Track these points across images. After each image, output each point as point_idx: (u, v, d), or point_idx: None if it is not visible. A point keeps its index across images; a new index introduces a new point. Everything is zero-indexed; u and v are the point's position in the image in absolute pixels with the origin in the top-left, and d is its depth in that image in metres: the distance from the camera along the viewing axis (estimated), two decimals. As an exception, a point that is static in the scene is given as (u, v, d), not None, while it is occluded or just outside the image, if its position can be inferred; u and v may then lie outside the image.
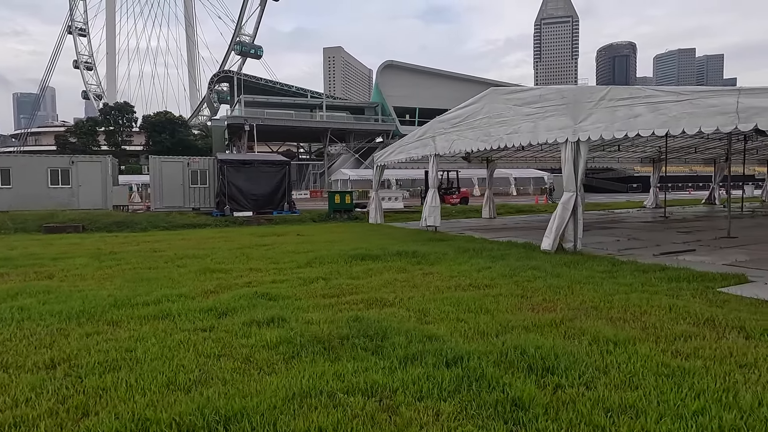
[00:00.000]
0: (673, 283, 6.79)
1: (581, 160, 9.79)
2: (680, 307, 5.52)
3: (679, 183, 65.84)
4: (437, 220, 14.36)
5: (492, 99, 12.06)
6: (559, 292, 6.40)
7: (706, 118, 7.52)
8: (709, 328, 4.81)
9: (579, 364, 3.80)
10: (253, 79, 70.36)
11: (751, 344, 4.31)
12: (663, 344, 4.33)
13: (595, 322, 5.02)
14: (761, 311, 5.34)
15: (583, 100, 9.51)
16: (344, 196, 19.37)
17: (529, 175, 63.50)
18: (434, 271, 8.13)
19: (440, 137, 14.01)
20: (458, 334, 4.68)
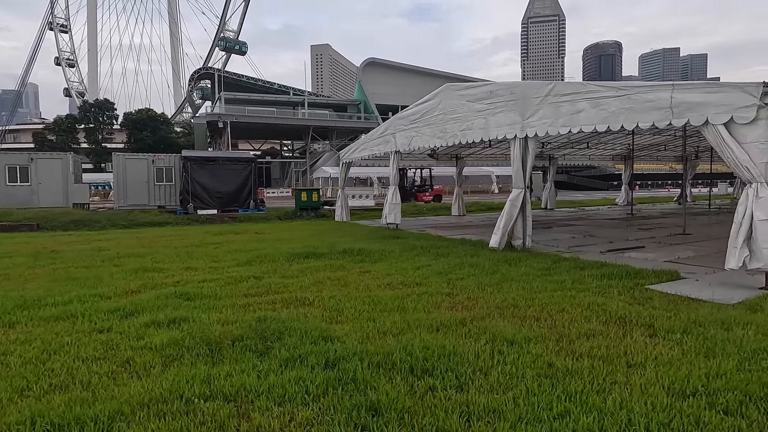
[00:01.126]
0: (605, 281, 6.71)
1: (529, 157, 9.70)
2: (599, 305, 5.43)
3: (659, 180, 66.49)
4: (398, 218, 14.21)
5: (447, 95, 11.93)
6: (486, 290, 6.28)
7: (642, 114, 7.45)
8: (618, 326, 4.72)
9: (462, 366, 3.67)
10: (234, 76, 69.66)
11: (652, 343, 4.22)
12: (562, 343, 4.22)
13: (504, 321, 4.90)
14: (677, 309, 5.26)
15: (531, 95, 9.42)
16: (311, 194, 19.15)
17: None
18: (373, 269, 7.98)
19: (400, 134, 13.86)
20: (359, 334, 4.53)
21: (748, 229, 6.19)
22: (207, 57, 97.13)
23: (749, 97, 6.17)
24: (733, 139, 6.34)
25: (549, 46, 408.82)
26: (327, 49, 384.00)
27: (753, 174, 6.21)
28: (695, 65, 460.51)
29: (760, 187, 6.18)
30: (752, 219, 6.16)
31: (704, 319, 4.81)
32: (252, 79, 69.90)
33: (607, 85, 8.13)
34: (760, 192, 6.17)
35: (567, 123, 8.69)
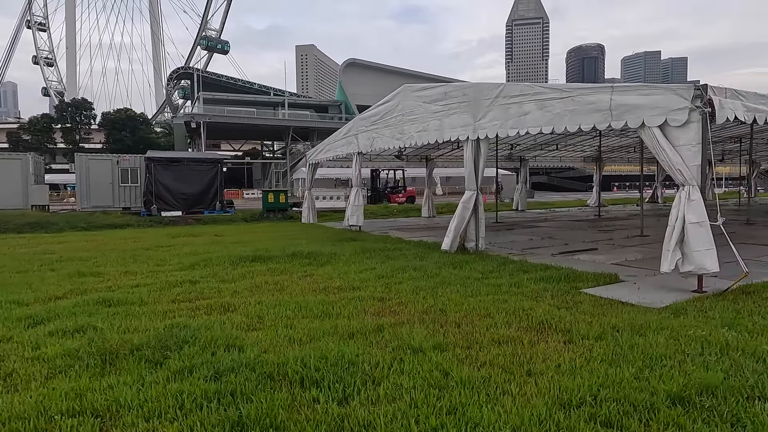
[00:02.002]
0: (542, 284, 6.64)
1: (481, 159, 9.63)
2: (526, 309, 5.36)
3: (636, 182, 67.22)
4: (360, 220, 14.07)
5: (405, 96, 11.83)
6: (419, 295, 6.18)
7: (585, 116, 7.41)
8: (536, 332, 4.63)
9: (355, 376, 3.54)
10: (213, 75, 68.98)
11: (563, 350, 4.13)
12: (471, 351, 4.12)
13: (423, 327, 4.78)
14: (602, 313, 5.20)
15: (482, 97, 9.35)
16: (278, 195, 18.91)
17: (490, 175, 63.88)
18: (316, 273, 7.83)
19: (362, 135, 13.72)
20: (267, 342, 4.38)
21: (680, 232, 6.18)
22: (189, 56, 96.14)
23: (681, 99, 6.15)
24: (668, 142, 6.32)
25: (533, 48, 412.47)
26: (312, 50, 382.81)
27: (685, 177, 6.19)
28: (676, 68, 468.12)
29: (692, 190, 6.17)
30: (684, 222, 6.14)
31: (623, 324, 4.75)
32: (232, 79, 69.30)
33: (552, 86, 8.08)
34: (692, 195, 6.16)
35: (515, 125, 8.63)
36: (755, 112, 6.48)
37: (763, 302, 5.57)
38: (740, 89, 6.53)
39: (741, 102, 6.37)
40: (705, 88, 6.01)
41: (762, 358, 3.82)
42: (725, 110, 6.08)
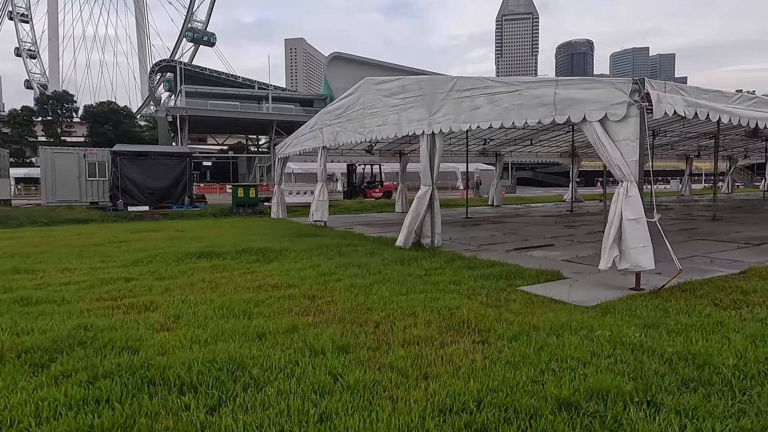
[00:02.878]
0: (481, 282, 6.52)
1: (437, 153, 9.48)
2: (453, 308, 5.22)
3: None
4: (325, 215, 13.88)
5: (366, 89, 11.64)
6: (352, 293, 6.02)
7: (531, 110, 7.27)
8: (453, 332, 4.49)
9: (239, 381, 3.38)
10: (196, 68, 68.13)
11: (472, 351, 4.00)
12: (378, 352, 3.97)
13: (341, 327, 4.62)
14: (529, 312, 5.08)
15: (436, 91, 9.19)
16: (248, 190, 18.64)
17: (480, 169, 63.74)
18: (260, 270, 7.64)
19: (326, 129, 13.52)
20: (170, 344, 4.20)
21: (618, 229, 6.07)
22: (174, 48, 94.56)
23: (621, 93, 6.03)
24: (608, 137, 6.20)
25: (523, 43, 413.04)
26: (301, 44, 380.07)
27: (624, 172, 6.08)
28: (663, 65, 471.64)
29: (630, 186, 6.06)
30: (621, 219, 6.03)
31: (544, 323, 4.63)
32: (215, 72, 68.51)
33: (501, 80, 7.94)
34: (630, 191, 6.05)
35: (467, 119, 8.49)
36: (696, 107, 6.37)
37: (697, 300, 5.48)
38: (681, 84, 6.43)
39: (681, 96, 6.26)
40: (642, 82, 5.90)
41: (668, 360, 3.71)
42: (663, 104, 5.97)
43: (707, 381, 3.37)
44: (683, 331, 4.38)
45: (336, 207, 21.99)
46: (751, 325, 4.53)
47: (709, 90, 6.78)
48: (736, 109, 6.95)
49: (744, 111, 7.07)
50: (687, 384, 3.32)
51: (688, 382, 3.35)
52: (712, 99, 6.70)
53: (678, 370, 3.54)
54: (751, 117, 7.13)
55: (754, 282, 6.30)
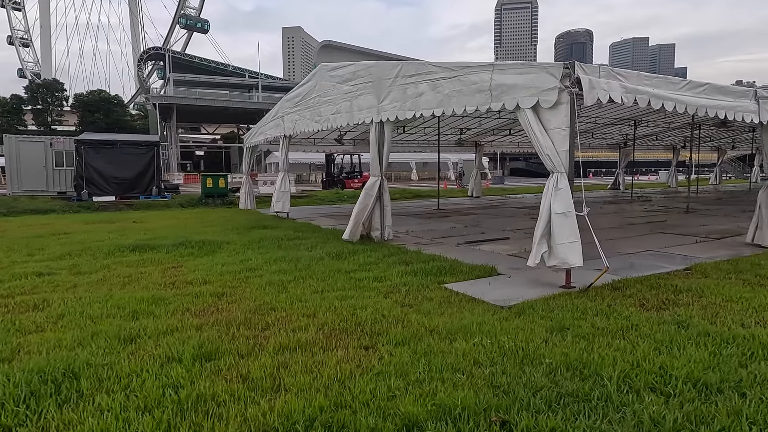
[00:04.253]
0: (408, 278, 6.18)
1: (385, 142, 9.08)
2: (360, 308, 4.89)
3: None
4: (286, 206, 13.50)
5: (321, 76, 11.21)
6: (266, 290, 5.67)
7: (469, 97, 6.88)
8: (343, 336, 4.16)
9: (57, 394, 3.04)
10: (186, 56, 67.25)
11: (350, 358, 3.66)
12: (244, 360, 3.63)
13: (219, 331, 4.27)
14: (439, 313, 4.74)
15: (384, 77, 8.78)
16: (217, 180, 18.22)
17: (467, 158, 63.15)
18: (187, 264, 7.28)
19: (288, 117, 13.10)
20: (29, 348, 3.87)
21: (547, 223, 5.71)
22: (167, 35, 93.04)
23: (552, 79, 5.65)
24: (540, 125, 5.83)
25: (522, 33, 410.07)
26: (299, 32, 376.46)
27: (554, 163, 5.72)
28: (663, 55, 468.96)
29: (560, 178, 5.71)
30: (550, 212, 5.67)
31: (445, 326, 4.29)
32: (205, 61, 67.63)
33: (443, 65, 7.53)
34: (560, 183, 5.69)
35: (412, 107, 8.09)
36: (636, 94, 5.98)
37: (624, 300, 5.15)
38: (621, 69, 6.04)
39: (619, 82, 5.87)
40: (573, 66, 5.51)
41: (554, 370, 3.38)
42: (597, 91, 5.58)
43: (586, 396, 3.03)
44: (590, 336, 4.05)
45: (311, 198, 21.65)
46: (666, 329, 4.19)
47: (652, 76, 6.38)
48: (683, 96, 6.56)
49: (692, 98, 6.68)
50: (560, 400, 2.99)
51: (564, 397, 3.02)
52: (656, 86, 6.31)
53: (558, 383, 3.20)
54: (700, 105, 6.74)
55: (693, 279, 5.97)
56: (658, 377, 3.27)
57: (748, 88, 7.61)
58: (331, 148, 22.30)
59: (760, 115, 7.60)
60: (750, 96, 7.56)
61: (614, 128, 22.00)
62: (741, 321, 4.41)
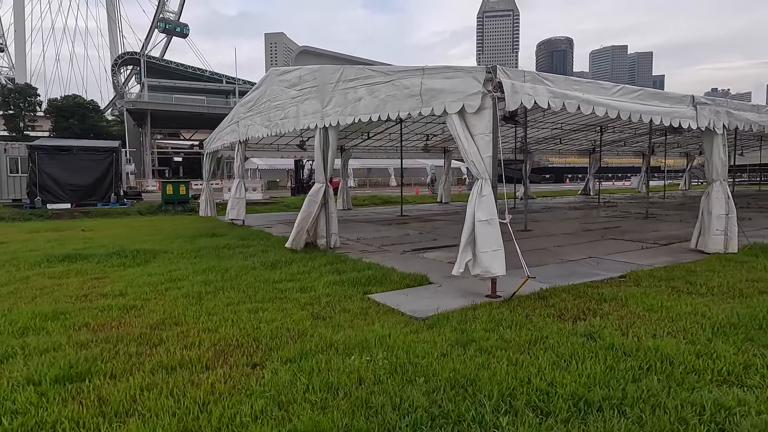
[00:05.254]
0: (334, 288, 5.97)
1: (330, 149, 8.89)
2: (266, 321, 4.67)
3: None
4: (241, 213, 13.22)
5: (271, 81, 10.99)
6: (178, 302, 5.42)
7: (403, 101, 6.72)
8: (235, 353, 3.93)
9: None
10: (162, 61, 66.51)
11: (233, 376, 3.44)
12: (114, 381, 3.37)
13: (100, 349, 4.01)
14: (351, 325, 4.53)
15: (327, 82, 8.59)
16: (178, 187, 17.82)
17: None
18: (113, 275, 6.99)
19: (242, 122, 12.83)
20: None
21: (471, 231, 5.55)
22: (145, 40, 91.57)
23: (476, 83, 5.51)
24: (466, 131, 5.68)
25: (503, 40, 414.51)
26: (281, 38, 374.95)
27: (479, 169, 5.58)
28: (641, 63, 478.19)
29: (484, 184, 5.56)
30: (474, 219, 5.52)
31: (346, 340, 4.09)
32: (182, 66, 67.02)
33: (379, 70, 7.38)
34: (484, 189, 5.54)
35: (352, 112, 7.91)
36: (564, 99, 5.88)
37: (544, 309, 4.99)
38: (548, 74, 5.94)
39: (546, 87, 5.77)
40: (494, 70, 5.38)
41: (437, 389, 3.19)
42: (520, 95, 5.46)
43: (459, 417, 2.86)
44: (493, 350, 3.88)
45: (277, 204, 21.35)
46: (573, 341, 4.05)
47: (583, 81, 6.30)
48: (615, 101, 6.48)
49: (626, 104, 6.61)
50: (430, 422, 2.80)
51: (435, 419, 2.84)
52: (586, 91, 6.22)
53: (436, 402, 3.02)
54: (634, 110, 6.67)
55: (623, 288, 5.85)
56: (544, 395, 3.10)
57: (685, 94, 7.59)
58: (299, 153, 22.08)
59: (698, 121, 7.60)
60: (687, 102, 7.55)
61: (581, 134, 22.14)
62: (654, 331, 4.29)
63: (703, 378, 3.39)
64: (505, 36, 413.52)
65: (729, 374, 3.45)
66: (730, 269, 6.78)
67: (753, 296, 5.43)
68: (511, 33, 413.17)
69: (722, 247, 8.03)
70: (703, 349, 3.83)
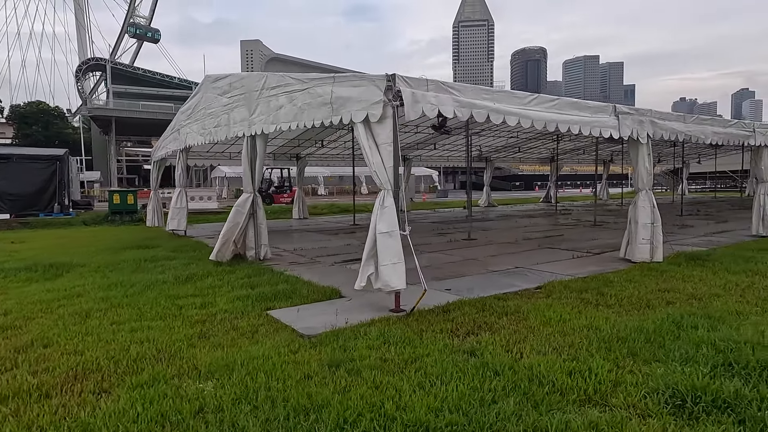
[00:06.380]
0: (236, 303, 5.74)
1: (258, 158, 8.68)
2: (139, 341, 4.40)
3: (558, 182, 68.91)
4: (182, 224, 12.84)
5: (206, 88, 10.72)
6: (59, 323, 5.11)
7: (317, 109, 6.54)
8: (89, 378, 3.67)
9: None
10: (129, 67, 65.24)
11: (68, 405, 3.17)
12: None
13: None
14: (232, 345, 4.30)
15: (253, 89, 8.37)
16: (125, 196, 17.30)
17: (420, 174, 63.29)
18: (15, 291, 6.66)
19: (183, 129, 12.49)
20: None
21: (374, 243, 5.38)
22: (115, 45, 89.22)
23: (378, 91, 5.37)
24: (370, 140, 5.52)
25: (479, 49, 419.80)
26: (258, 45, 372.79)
27: (381, 180, 5.43)
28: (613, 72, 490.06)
29: (386, 195, 5.41)
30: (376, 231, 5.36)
31: (215, 363, 3.86)
32: (150, 72, 65.83)
33: (297, 77, 7.19)
34: (386, 200, 5.39)
35: (274, 120, 7.70)
36: (472, 108, 5.78)
37: (441, 324, 4.83)
38: (456, 83, 5.84)
39: (452, 96, 5.66)
40: (393, 79, 5.25)
41: (277, 418, 2.98)
42: (421, 104, 5.34)
43: (285, 449, 2.65)
44: (365, 370, 3.70)
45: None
46: (453, 359, 3.90)
47: (494, 90, 6.22)
48: (529, 111, 6.42)
49: (541, 113, 6.56)
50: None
51: (258, 452, 2.62)
52: (497, 100, 6.14)
53: None
54: (550, 120, 6.63)
55: (533, 300, 5.75)
56: (388, 421, 2.92)
57: (606, 103, 7.61)
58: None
59: (621, 131, 7.61)
60: (609, 111, 7.56)
61: (538, 142, 22.34)
62: (540, 347, 4.16)
63: (567, 398, 3.26)
64: (480, 45, 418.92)
65: (595, 393, 3.33)
66: (647, 279, 6.76)
67: (658, 307, 5.39)
68: (486, 42, 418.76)
69: (648, 256, 8.05)
70: (579, 366, 3.72)
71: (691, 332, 4.39)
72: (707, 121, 9.57)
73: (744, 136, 10.24)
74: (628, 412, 3.08)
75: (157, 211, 16.13)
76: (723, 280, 6.63)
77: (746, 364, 3.62)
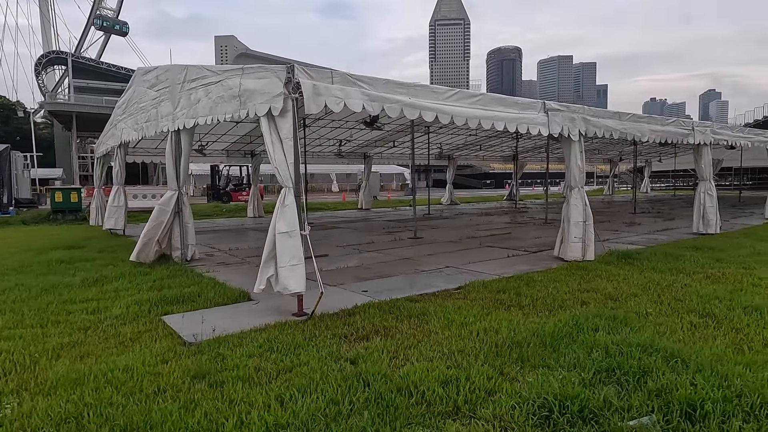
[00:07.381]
0: (134, 308, 5.41)
1: (183, 154, 8.30)
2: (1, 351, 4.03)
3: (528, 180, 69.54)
4: (119, 223, 12.32)
5: (138, 82, 10.27)
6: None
7: (228, 103, 6.20)
8: None
9: None
10: (91, 61, 63.30)
11: None
12: None
13: None
14: (83, 354, 3.97)
15: (176, 82, 7.98)
16: (69, 195, 16.62)
17: (392, 172, 63.13)
18: None
19: (119, 125, 11.97)
20: None
21: (273, 244, 5.11)
22: (80, 38, 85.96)
23: (280, 83, 5.09)
24: (275, 135, 5.24)
25: (455, 48, 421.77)
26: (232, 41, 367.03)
27: (283, 176, 5.16)
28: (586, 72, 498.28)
29: (288, 193, 5.13)
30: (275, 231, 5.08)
31: (68, 377, 3.54)
32: (114, 67, 64.04)
33: (213, 69, 6.85)
34: (287, 198, 5.12)
35: (194, 114, 7.32)
36: (384, 102, 5.56)
37: (339, 329, 4.59)
38: (366, 75, 5.59)
39: (360, 90, 5.42)
40: (293, 70, 4.97)
41: (92, 440, 2.69)
42: (324, 97, 5.09)
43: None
44: (230, 382, 3.43)
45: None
46: (332, 368, 3.66)
47: (410, 84, 6.01)
48: (448, 106, 6.23)
49: (462, 109, 6.38)
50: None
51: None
52: (413, 94, 5.93)
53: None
54: (472, 116, 6.46)
55: (448, 301, 5.57)
56: (220, 442, 2.66)
57: (535, 100, 7.48)
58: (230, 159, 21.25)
59: (550, 128, 7.49)
60: (538, 108, 7.43)
61: (498, 140, 22.31)
62: (429, 353, 3.95)
63: (432, 410, 3.04)
64: (456, 44, 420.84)
65: (465, 404, 3.13)
66: (571, 279, 6.64)
67: (571, 308, 5.25)
68: (462, 41, 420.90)
69: (580, 255, 7.97)
70: (458, 374, 3.51)
71: (588, 335, 4.23)
72: (644, 119, 9.56)
73: (683, 135, 10.29)
74: (490, 425, 2.88)
75: (100, 210, 15.50)
76: (646, 279, 6.56)
77: (627, 370, 3.46)
